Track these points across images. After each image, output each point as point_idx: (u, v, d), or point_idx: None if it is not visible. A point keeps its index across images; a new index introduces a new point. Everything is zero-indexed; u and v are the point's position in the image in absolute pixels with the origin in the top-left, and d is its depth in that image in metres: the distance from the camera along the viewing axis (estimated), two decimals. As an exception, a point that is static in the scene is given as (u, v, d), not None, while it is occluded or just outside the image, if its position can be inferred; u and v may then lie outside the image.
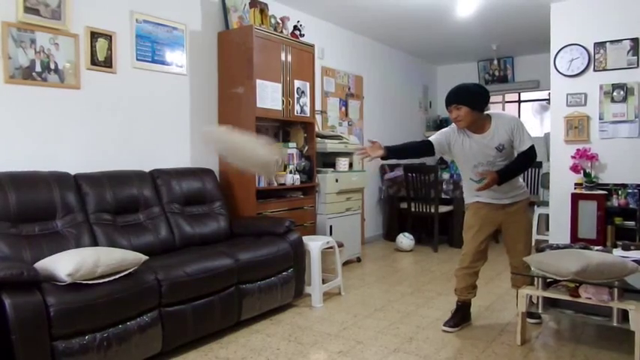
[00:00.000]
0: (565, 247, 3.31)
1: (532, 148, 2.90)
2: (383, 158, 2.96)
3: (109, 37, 3.32)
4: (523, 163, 2.96)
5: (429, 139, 3.08)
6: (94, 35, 3.24)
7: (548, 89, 5.08)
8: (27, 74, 2.92)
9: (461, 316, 3.16)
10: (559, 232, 4.72)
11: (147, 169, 3.43)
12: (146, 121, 3.60)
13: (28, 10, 2.90)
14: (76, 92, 3.18)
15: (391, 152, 2.95)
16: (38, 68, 2.97)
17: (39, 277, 2.12)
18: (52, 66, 3.03)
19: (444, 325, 3.10)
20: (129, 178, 3.21)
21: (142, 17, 3.53)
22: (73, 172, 2.98)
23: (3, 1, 2.80)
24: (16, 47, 2.86)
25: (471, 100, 2.85)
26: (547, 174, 5.31)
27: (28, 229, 2.62)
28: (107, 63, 3.32)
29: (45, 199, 2.72)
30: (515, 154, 2.95)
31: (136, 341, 2.39)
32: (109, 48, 3.33)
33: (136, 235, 3.06)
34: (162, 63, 3.69)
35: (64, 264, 2.21)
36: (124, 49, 3.43)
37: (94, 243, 2.82)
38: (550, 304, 2.82)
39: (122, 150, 3.44)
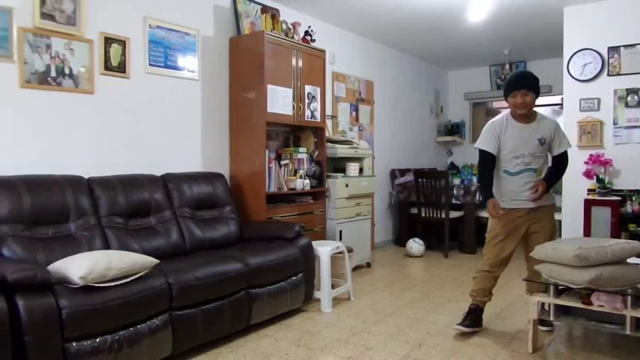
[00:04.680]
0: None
1: (567, 153, 3.04)
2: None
3: (122, 43, 3.36)
4: (563, 168, 3.07)
5: (484, 149, 3.04)
6: (108, 41, 3.29)
7: (561, 94, 5.04)
8: (42, 79, 2.97)
9: (473, 319, 3.13)
10: (572, 238, 4.67)
11: (158, 173, 3.46)
12: (158, 126, 3.64)
13: (44, 15, 2.95)
14: (90, 97, 3.22)
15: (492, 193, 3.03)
16: (53, 73, 3.02)
17: (52, 279, 2.15)
18: (67, 71, 3.08)
19: (458, 324, 3.09)
20: (141, 182, 3.24)
21: (155, 23, 3.58)
22: (86, 176, 3.02)
23: (19, 7, 2.86)
24: (32, 52, 2.91)
25: (537, 89, 3.00)
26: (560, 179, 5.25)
27: (42, 231, 2.66)
28: (121, 68, 3.37)
29: (58, 202, 2.76)
30: (551, 156, 3.06)
31: (146, 344, 2.41)
32: (123, 53, 3.37)
33: (147, 238, 3.08)
34: (175, 68, 3.73)
35: (77, 267, 2.23)
36: (137, 54, 3.47)
37: (106, 246, 2.85)
38: (562, 311, 2.78)
39: (135, 154, 3.48)
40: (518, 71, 3.02)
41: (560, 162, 3.04)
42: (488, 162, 3.05)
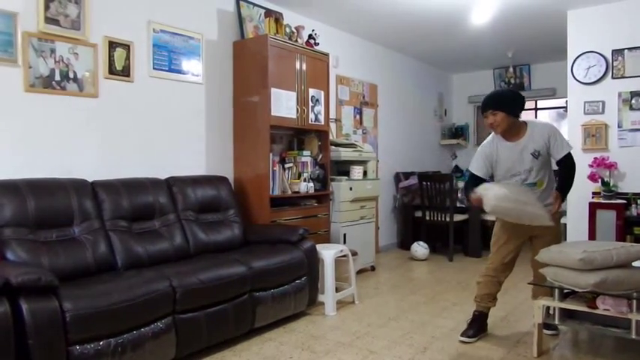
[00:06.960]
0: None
1: (570, 155, 2.93)
2: None
3: (126, 47, 3.38)
4: (571, 171, 2.96)
5: (474, 172, 3.05)
6: (113, 45, 3.30)
7: (565, 97, 5.03)
8: (47, 83, 2.98)
9: (478, 327, 3.11)
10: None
11: (163, 177, 3.46)
12: (162, 129, 3.65)
13: (48, 20, 2.96)
14: (94, 101, 3.23)
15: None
16: (58, 77, 3.03)
17: (55, 282, 2.15)
18: (71, 75, 3.09)
19: (462, 335, 3.06)
20: (145, 186, 3.25)
21: (160, 27, 3.59)
22: (90, 179, 3.03)
23: (24, 11, 2.87)
24: (36, 57, 2.92)
25: (507, 106, 2.88)
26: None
27: (46, 235, 2.66)
28: (125, 72, 3.38)
29: (63, 205, 2.76)
30: (554, 162, 2.98)
31: (150, 347, 2.41)
32: (127, 57, 3.38)
33: (151, 242, 3.08)
34: (179, 72, 3.74)
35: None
36: (141, 58, 3.48)
37: (110, 249, 2.86)
38: (567, 315, 2.76)
39: (139, 157, 3.49)
40: (490, 92, 2.96)
41: (566, 166, 2.95)
42: (473, 183, 3.01)
